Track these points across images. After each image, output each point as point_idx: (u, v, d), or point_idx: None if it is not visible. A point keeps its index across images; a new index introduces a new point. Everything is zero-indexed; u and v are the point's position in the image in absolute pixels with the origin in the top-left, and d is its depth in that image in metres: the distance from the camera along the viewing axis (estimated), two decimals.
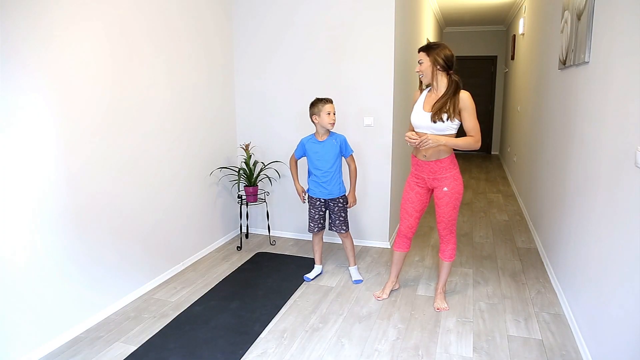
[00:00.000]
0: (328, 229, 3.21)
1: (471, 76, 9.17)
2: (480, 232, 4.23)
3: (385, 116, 3.60)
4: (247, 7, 3.87)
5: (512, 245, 3.88)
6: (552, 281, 3.09)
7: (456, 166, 2.60)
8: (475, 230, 4.29)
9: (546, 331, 2.49)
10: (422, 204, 2.72)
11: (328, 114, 2.91)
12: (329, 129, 2.98)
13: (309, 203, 3.16)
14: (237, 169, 3.86)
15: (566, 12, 3.01)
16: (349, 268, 3.26)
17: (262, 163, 3.98)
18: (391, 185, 3.74)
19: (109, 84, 2.62)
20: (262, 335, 2.49)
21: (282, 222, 4.16)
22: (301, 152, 3.11)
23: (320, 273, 3.29)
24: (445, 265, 2.79)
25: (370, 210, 3.82)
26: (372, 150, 3.70)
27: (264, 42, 3.87)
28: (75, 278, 2.47)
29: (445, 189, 2.57)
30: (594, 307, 2.16)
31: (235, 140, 4.12)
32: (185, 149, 3.38)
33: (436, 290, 2.87)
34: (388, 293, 2.93)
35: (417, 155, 2.63)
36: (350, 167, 3.11)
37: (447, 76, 2.51)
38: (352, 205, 3.15)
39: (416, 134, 2.50)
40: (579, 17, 2.65)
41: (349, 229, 3.16)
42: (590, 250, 2.27)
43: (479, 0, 6.46)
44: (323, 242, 3.40)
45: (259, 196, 3.86)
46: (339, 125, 3.64)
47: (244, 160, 3.84)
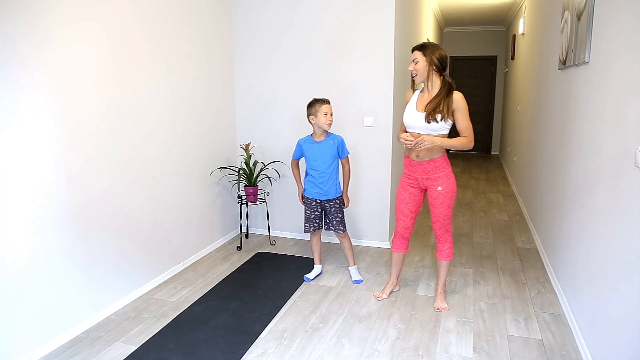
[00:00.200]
0: (326, 229, 3.21)
1: (471, 76, 9.17)
2: (480, 232, 4.23)
3: (384, 116, 3.61)
4: (247, 7, 3.87)
5: (512, 245, 3.88)
6: (552, 281, 3.09)
7: (449, 165, 2.62)
8: (475, 230, 4.29)
9: (546, 331, 2.49)
10: (416, 204, 2.73)
11: (325, 115, 2.91)
12: (326, 129, 2.98)
13: (304, 203, 3.16)
14: (237, 169, 3.86)
15: (566, 12, 3.01)
16: (349, 268, 3.26)
17: (262, 163, 3.98)
18: (391, 185, 3.74)
19: (109, 84, 2.62)
20: (262, 335, 2.49)
21: (282, 222, 4.16)
22: (299, 153, 3.12)
23: (320, 273, 3.29)
24: (443, 265, 2.79)
25: (370, 210, 3.83)
26: (371, 151, 3.70)
27: (264, 42, 3.87)
28: (75, 278, 2.47)
29: (439, 188, 2.59)
30: (594, 307, 2.16)
31: (235, 140, 4.12)
32: (185, 149, 3.38)
33: (436, 291, 2.87)
34: (388, 293, 2.93)
35: (409, 156, 2.65)
36: (344, 168, 3.11)
37: (440, 77, 2.52)
38: (346, 205, 3.15)
39: (410, 135, 2.52)
40: (579, 17, 2.65)
41: (346, 229, 3.17)
42: (590, 250, 2.27)
43: (479, 0, 6.46)
44: (321, 242, 3.40)
45: (259, 196, 3.86)
46: (339, 125, 3.64)
47: (244, 160, 3.84)
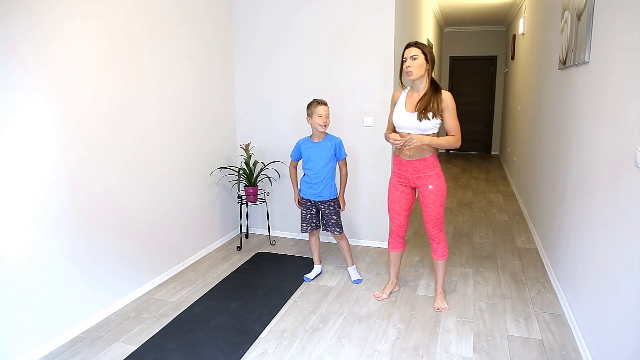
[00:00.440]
0: (323, 230, 3.21)
1: (471, 76, 9.17)
2: (480, 232, 4.23)
3: (385, 116, 3.60)
4: (248, 8, 3.87)
5: (512, 245, 3.88)
6: (552, 281, 3.09)
7: (439, 164, 2.67)
8: (475, 230, 4.29)
9: (546, 331, 2.49)
10: (409, 202, 2.77)
11: (319, 117, 2.92)
12: (320, 130, 2.98)
13: (300, 203, 3.16)
14: (237, 169, 3.86)
15: (566, 12, 3.01)
16: (348, 268, 3.26)
17: (262, 163, 3.98)
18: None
19: (109, 84, 2.62)
20: (262, 335, 2.49)
21: (282, 222, 4.16)
22: (297, 153, 3.12)
23: (320, 273, 3.29)
24: (440, 265, 2.80)
25: (370, 210, 3.82)
26: (372, 150, 3.70)
27: (264, 42, 3.87)
28: (75, 278, 2.47)
29: (431, 186, 2.62)
30: (594, 307, 2.16)
31: (235, 140, 4.12)
32: (186, 149, 3.38)
33: (436, 290, 2.87)
34: (388, 293, 2.93)
35: (400, 155, 2.68)
36: (341, 170, 3.11)
37: (429, 76, 2.57)
38: (342, 208, 3.14)
39: (399, 135, 2.56)
40: (579, 17, 2.65)
41: (342, 230, 3.16)
42: (590, 250, 2.27)
43: (479, 0, 6.46)
44: (320, 242, 3.40)
45: (259, 196, 3.86)
46: (339, 125, 3.64)
47: (244, 160, 3.84)
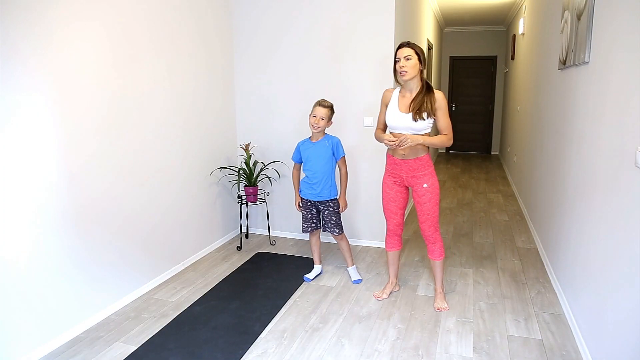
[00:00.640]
0: (323, 230, 3.21)
1: (471, 76, 9.17)
2: (480, 232, 4.23)
3: None
4: (248, 7, 3.87)
5: (512, 245, 3.88)
6: (552, 281, 3.09)
7: (432, 163, 2.69)
8: (475, 230, 4.29)
9: (546, 331, 2.49)
10: (403, 201, 2.79)
11: (314, 117, 2.95)
12: (312, 130, 3.00)
13: (300, 205, 3.17)
14: (237, 169, 3.86)
15: (566, 12, 3.01)
16: (348, 269, 3.26)
17: (262, 163, 3.98)
18: None
19: (110, 84, 2.62)
20: (262, 335, 2.49)
21: (282, 222, 4.16)
22: (297, 155, 3.12)
23: (320, 273, 3.29)
24: (437, 265, 2.80)
25: (370, 210, 3.82)
26: (371, 151, 3.70)
27: (265, 42, 3.87)
28: (75, 278, 2.47)
29: (425, 185, 2.64)
30: (594, 307, 2.16)
31: (235, 140, 4.12)
32: (186, 149, 3.38)
33: (435, 291, 2.87)
34: (388, 293, 2.93)
35: (394, 155, 2.69)
36: (340, 170, 3.10)
37: (420, 76, 2.59)
38: (342, 209, 3.13)
39: (393, 135, 2.58)
40: (579, 17, 2.65)
41: (342, 231, 3.15)
42: (590, 250, 2.27)
43: (479, 0, 6.46)
44: (321, 242, 3.40)
45: (259, 196, 3.86)
46: (339, 125, 3.64)
47: (244, 160, 3.84)
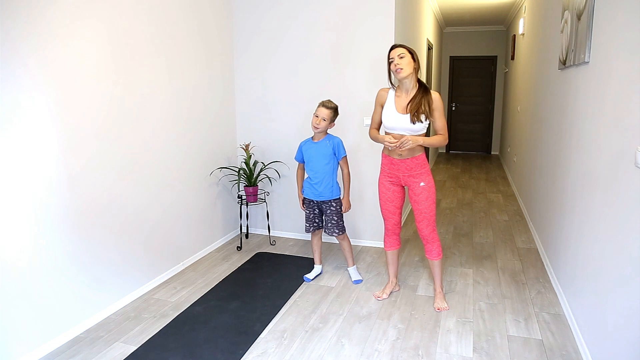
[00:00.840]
0: (324, 231, 3.21)
1: (471, 76, 9.17)
2: (480, 232, 4.23)
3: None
4: (248, 7, 3.87)
5: (512, 245, 3.88)
6: (552, 281, 3.09)
7: (428, 162, 2.72)
8: (475, 230, 4.29)
9: (546, 331, 2.49)
10: (400, 200, 2.81)
11: (316, 117, 2.95)
12: (313, 130, 3.00)
13: (304, 204, 3.17)
14: (237, 169, 3.86)
15: (566, 12, 3.01)
16: (348, 269, 3.26)
17: (262, 163, 3.98)
18: None
19: (110, 84, 2.62)
20: (262, 335, 2.49)
21: (282, 222, 4.16)
22: (300, 154, 3.12)
23: (320, 273, 3.29)
24: (435, 264, 2.81)
25: (370, 210, 3.82)
26: (371, 151, 3.70)
27: (265, 42, 3.87)
28: (75, 278, 2.47)
29: (422, 183, 2.66)
30: (594, 307, 2.16)
31: (235, 140, 4.12)
32: (186, 149, 3.38)
33: (435, 290, 2.87)
34: (388, 293, 2.93)
35: (391, 155, 2.70)
36: (343, 171, 3.10)
37: (416, 77, 2.60)
38: (346, 210, 3.12)
39: (392, 136, 2.59)
40: (579, 17, 2.65)
41: (343, 231, 3.15)
42: (590, 250, 2.27)
43: (479, 0, 6.46)
44: (322, 242, 3.40)
45: (259, 196, 3.86)
46: (339, 125, 3.64)
47: (244, 160, 3.84)
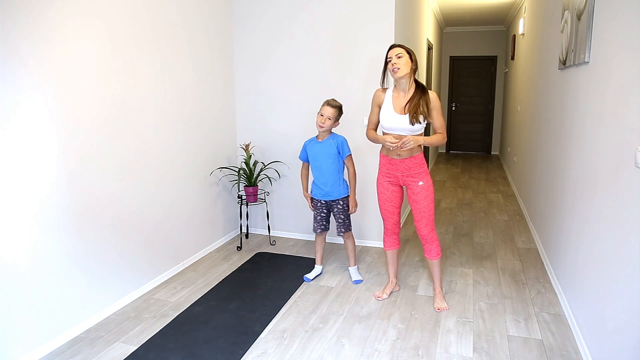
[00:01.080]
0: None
1: (471, 76, 9.17)
2: (480, 232, 4.23)
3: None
4: (248, 6, 3.87)
5: (512, 245, 3.88)
6: (552, 281, 3.09)
7: (426, 162, 2.73)
8: (475, 230, 4.29)
9: (546, 331, 2.49)
10: (399, 200, 2.82)
11: (321, 116, 2.94)
12: (318, 129, 2.99)
13: (312, 205, 3.16)
14: (237, 169, 3.86)
15: (566, 12, 3.01)
16: (349, 268, 3.26)
17: (262, 163, 3.98)
18: None
19: (110, 83, 2.62)
20: (262, 335, 2.49)
21: (282, 222, 4.16)
22: (304, 154, 3.12)
23: (320, 273, 3.29)
24: (435, 264, 2.81)
25: (370, 210, 3.82)
26: (370, 150, 3.70)
27: (264, 42, 3.87)
28: (75, 278, 2.47)
29: (421, 183, 2.66)
30: (594, 307, 2.16)
31: (235, 140, 4.12)
32: (186, 149, 3.38)
33: (434, 290, 2.87)
34: (388, 293, 2.93)
35: (389, 155, 2.70)
36: (348, 170, 3.09)
37: (413, 77, 2.60)
38: (352, 210, 3.11)
39: (392, 136, 2.59)
40: (579, 17, 2.65)
41: (349, 230, 3.15)
42: (590, 250, 2.27)
43: (479, 0, 6.46)
44: (325, 243, 3.40)
45: (259, 196, 3.86)
46: (341, 124, 3.63)
47: (244, 160, 3.84)
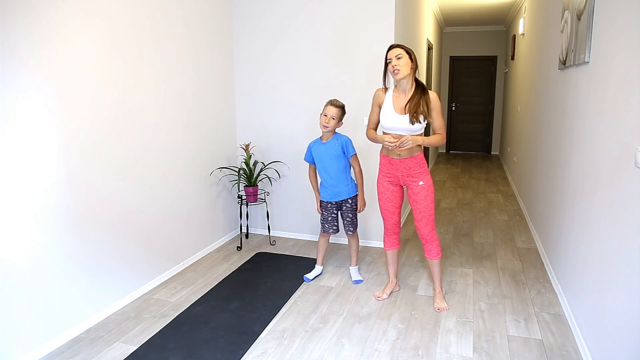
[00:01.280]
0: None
1: (471, 76, 9.17)
2: (480, 232, 4.23)
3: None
4: (248, 7, 3.87)
5: (512, 245, 3.88)
6: (552, 281, 3.09)
7: (426, 162, 2.73)
8: (475, 230, 4.29)
9: (546, 331, 2.49)
10: (399, 200, 2.82)
11: (325, 116, 2.94)
12: (322, 130, 2.99)
13: (322, 207, 3.15)
14: (237, 169, 3.86)
15: (566, 12, 3.01)
16: (350, 267, 3.26)
17: (262, 163, 3.98)
18: None
19: (110, 84, 2.62)
20: (262, 335, 2.49)
21: (282, 222, 4.16)
22: (309, 156, 3.11)
23: (320, 274, 3.29)
24: (435, 264, 2.81)
25: (370, 210, 3.82)
26: (370, 150, 3.70)
27: (264, 41, 3.87)
28: (75, 278, 2.47)
29: (421, 182, 2.66)
30: (594, 307, 2.16)
31: (235, 140, 4.12)
32: (186, 149, 3.38)
33: (434, 290, 2.87)
34: (388, 293, 2.93)
35: (390, 155, 2.70)
36: (354, 169, 3.09)
37: (413, 77, 2.60)
38: (361, 209, 3.11)
39: (392, 136, 2.59)
40: (579, 17, 2.65)
41: (357, 229, 3.16)
42: (590, 250, 2.27)
43: (479, 0, 6.46)
44: (328, 244, 3.40)
45: (259, 196, 3.86)
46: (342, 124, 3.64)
47: (244, 160, 3.84)
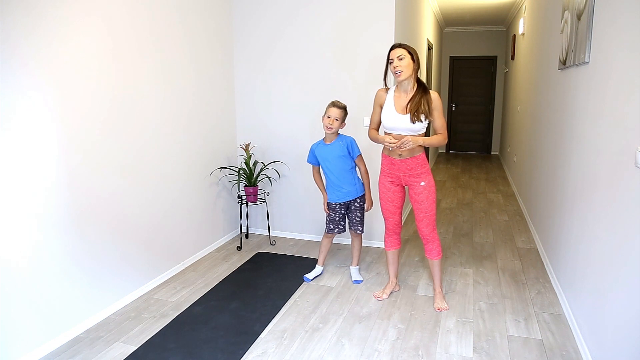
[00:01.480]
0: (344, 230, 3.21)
1: (471, 76, 9.17)
2: (480, 232, 4.23)
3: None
4: (248, 7, 3.87)
5: (512, 245, 3.88)
6: (552, 281, 3.09)
7: (428, 162, 2.72)
8: (475, 230, 4.29)
9: (546, 331, 2.50)
10: (401, 200, 2.82)
11: (328, 117, 2.93)
12: (326, 132, 2.99)
13: (329, 208, 3.14)
14: (237, 169, 3.86)
15: (566, 12, 3.01)
16: (350, 267, 3.26)
17: (262, 163, 3.98)
18: None
19: (110, 84, 2.62)
20: (262, 335, 2.49)
21: (282, 222, 4.16)
22: (313, 158, 3.11)
23: (320, 274, 3.29)
24: (435, 264, 2.81)
25: (372, 210, 3.81)
26: (371, 150, 3.70)
27: (264, 41, 3.87)
28: (75, 278, 2.47)
29: (423, 183, 2.66)
30: (594, 307, 2.16)
31: (235, 140, 4.12)
32: (186, 149, 3.38)
33: (434, 290, 2.87)
34: (388, 293, 2.93)
35: (391, 155, 2.70)
36: (360, 169, 3.09)
37: (415, 76, 2.60)
38: (368, 208, 3.11)
39: (392, 136, 2.59)
40: (579, 17, 2.65)
41: (364, 230, 3.16)
42: (590, 250, 2.27)
43: (479, 0, 6.46)
44: (331, 245, 3.40)
45: (259, 196, 3.86)
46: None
47: (244, 160, 3.84)
